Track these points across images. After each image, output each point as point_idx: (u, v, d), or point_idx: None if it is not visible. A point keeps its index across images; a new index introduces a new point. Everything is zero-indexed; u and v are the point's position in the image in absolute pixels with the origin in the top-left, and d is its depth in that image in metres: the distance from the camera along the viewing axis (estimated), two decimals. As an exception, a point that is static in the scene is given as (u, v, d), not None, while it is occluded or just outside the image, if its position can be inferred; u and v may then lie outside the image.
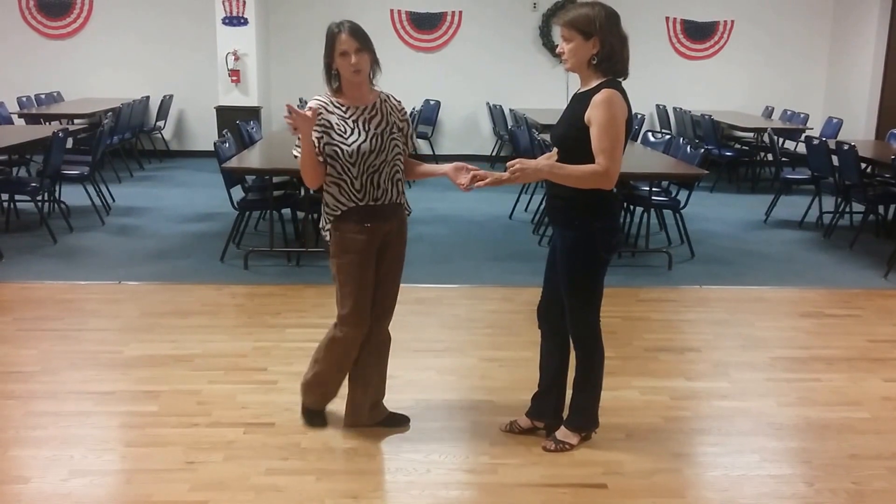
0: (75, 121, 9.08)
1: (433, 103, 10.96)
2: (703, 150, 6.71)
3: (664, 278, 5.92)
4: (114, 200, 7.98)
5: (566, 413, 3.34)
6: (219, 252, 6.16)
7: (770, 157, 9.12)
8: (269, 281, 5.63)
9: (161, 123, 10.69)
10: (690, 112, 10.16)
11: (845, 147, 6.71)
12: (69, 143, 7.48)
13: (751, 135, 10.01)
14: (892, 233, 7.27)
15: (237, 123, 7.41)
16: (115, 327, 4.65)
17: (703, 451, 3.37)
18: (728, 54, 11.28)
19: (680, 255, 6.43)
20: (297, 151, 3.07)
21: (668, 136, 7.75)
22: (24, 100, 9.68)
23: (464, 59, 11.08)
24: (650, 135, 7.84)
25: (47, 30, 10.82)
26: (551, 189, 3.14)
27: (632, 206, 6.78)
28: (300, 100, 10.00)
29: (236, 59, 10.17)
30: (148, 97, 10.60)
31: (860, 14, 10.60)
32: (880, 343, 4.64)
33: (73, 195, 7.50)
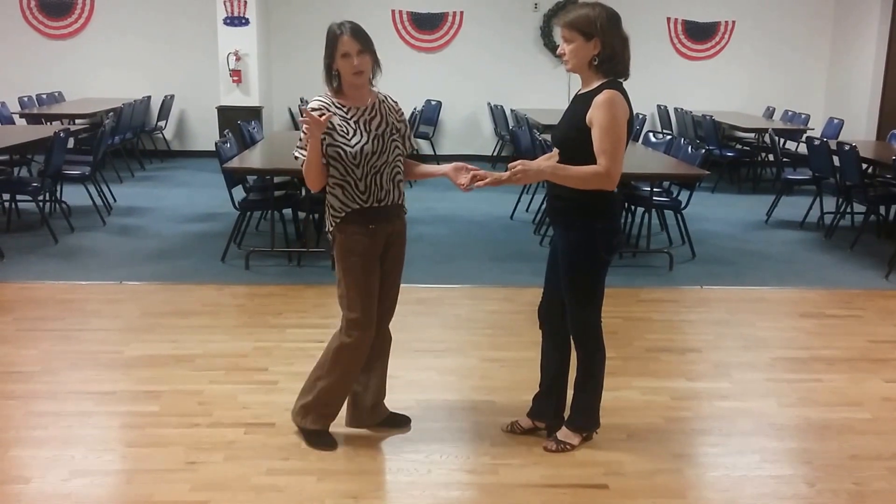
0: (76, 121, 9.08)
1: (434, 103, 10.96)
2: (704, 151, 6.70)
3: (665, 279, 5.92)
4: (115, 200, 7.98)
5: (567, 413, 3.35)
6: (220, 252, 6.16)
7: (771, 157, 9.11)
8: (270, 281, 5.63)
9: (162, 123, 10.69)
10: (691, 112, 10.15)
11: (846, 147, 6.71)
12: (70, 143, 7.49)
13: (752, 135, 10.00)
14: (893, 233, 7.26)
15: (238, 123, 7.41)
16: (115, 327, 4.65)
17: (704, 451, 3.38)
18: (729, 55, 11.27)
19: (681, 255, 6.43)
20: (299, 153, 3.06)
21: (669, 137, 7.75)
22: (26, 100, 9.68)
23: (465, 60, 11.08)
24: (651, 135, 7.84)
25: (48, 30, 10.82)
26: (552, 189, 3.14)
27: (633, 207, 6.78)
28: (301, 100, 10.02)
29: (237, 59, 10.17)
30: (149, 97, 10.60)
31: (861, 14, 10.60)
32: (881, 344, 4.64)
33: (74, 195, 7.51)
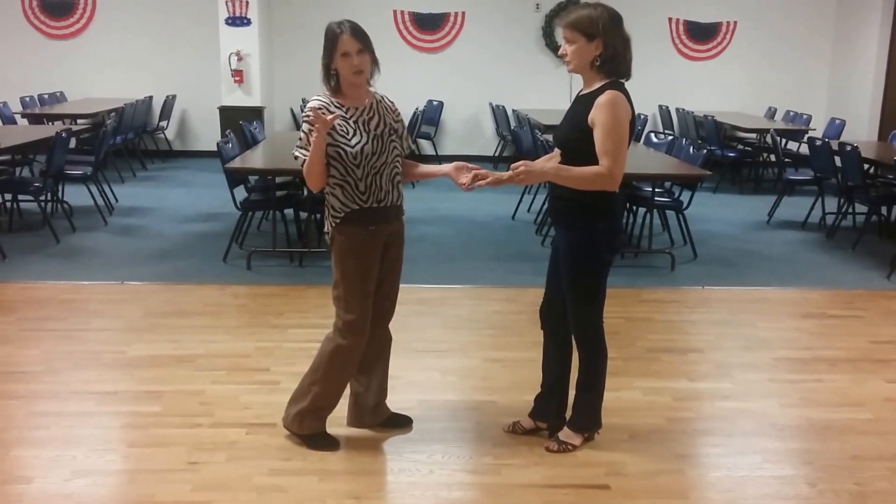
0: (78, 121, 9.09)
1: (436, 104, 10.96)
2: (705, 151, 6.70)
3: (667, 279, 5.91)
4: (117, 200, 7.99)
5: (569, 414, 3.35)
6: (221, 252, 6.16)
7: (773, 157, 9.11)
8: (271, 281, 5.63)
9: (164, 123, 10.70)
10: (693, 113, 10.15)
11: (848, 148, 6.70)
12: (72, 143, 7.50)
13: (753, 136, 9.99)
14: (894, 234, 7.26)
15: (240, 124, 7.41)
16: (117, 327, 4.65)
17: (706, 451, 3.37)
18: (731, 55, 11.26)
19: (682, 255, 6.43)
20: (299, 153, 3.05)
21: (670, 137, 7.75)
22: (28, 100, 9.69)
23: (467, 60, 11.08)
24: (653, 135, 7.83)
25: (50, 30, 10.83)
26: (553, 190, 3.14)
27: (634, 207, 6.78)
28: (303, 100, 10.02)
29: (239, 59, 10.17)
30: (151, 97, 10.61)
31: (863, 15, 10.59)
32: (883, 344, 4.63)
33: (75, 195, 7.51)
